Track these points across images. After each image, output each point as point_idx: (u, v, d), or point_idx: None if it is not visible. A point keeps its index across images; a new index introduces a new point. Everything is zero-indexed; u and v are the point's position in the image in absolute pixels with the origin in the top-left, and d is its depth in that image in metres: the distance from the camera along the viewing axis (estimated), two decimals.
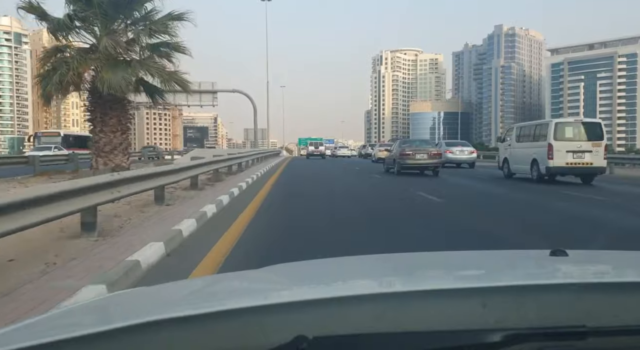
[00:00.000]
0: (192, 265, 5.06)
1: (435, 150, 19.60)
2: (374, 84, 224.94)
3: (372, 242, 6.43)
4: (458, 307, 0.85)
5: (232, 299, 1.04)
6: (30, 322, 0.99)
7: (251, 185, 15.29)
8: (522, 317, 0.83)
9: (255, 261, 4.39)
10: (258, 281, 1.28)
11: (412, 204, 11.25)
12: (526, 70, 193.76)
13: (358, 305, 0.84)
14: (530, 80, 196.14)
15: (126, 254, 5.11)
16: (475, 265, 1.36)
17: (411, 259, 1.56)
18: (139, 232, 6.59)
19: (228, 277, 1.42)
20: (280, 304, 0.88)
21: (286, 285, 1.19)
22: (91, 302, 1.31)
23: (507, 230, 7.79)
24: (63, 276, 4.48)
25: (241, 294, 1.18)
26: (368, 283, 1.22)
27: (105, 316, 1.07)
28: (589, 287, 0.93)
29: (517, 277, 1.19)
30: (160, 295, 1.20)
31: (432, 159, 18.86)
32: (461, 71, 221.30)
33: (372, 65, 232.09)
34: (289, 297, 0.98)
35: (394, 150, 20.56)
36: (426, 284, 1.09)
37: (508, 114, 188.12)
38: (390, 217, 9.06)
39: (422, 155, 18.73)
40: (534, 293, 0.89)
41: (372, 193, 14.34)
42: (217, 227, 7.41)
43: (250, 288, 1.23)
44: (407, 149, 19.20)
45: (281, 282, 1.23)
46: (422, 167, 19.04)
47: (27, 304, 3.69)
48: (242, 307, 0.84)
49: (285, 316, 0.82)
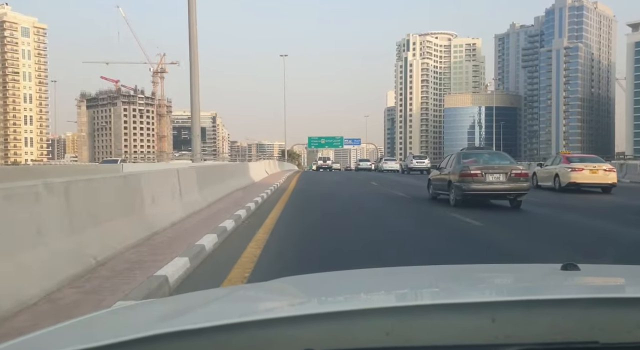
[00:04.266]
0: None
1: (519, 169, 12.07)
2: (399, 74, 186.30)
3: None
4: (467, 322, 0.84)
5: (241, 312, 1.04)
6: (44, 332, 0.99)
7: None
8: (532, 332, 0.82)
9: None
10: (268, 294, 1.28)
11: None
12: (594, 54, 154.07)
13: (367, 319, 0.84)
14: (599, 65, 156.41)
15: None
16: (485, 279, 1.35)
17: (421, 272, 1.56)
18: None
19: (239, 289, 1.42)
20: (289, 317, 0.87)
21: (295, 299, 1.19)
22: (102, 313, 1.29)
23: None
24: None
25: (250, 306, 1.18)
26: (377, 297, 1.21)
27: (117, 328, 1.06)
28: (601, 302, 0.90)
29: (528, 292, 1.16)
30: (170, 308, 1.20)
31: (514, 182, 11.57)
32: (506, 57, 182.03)
33: (397, 52, 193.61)
34: (298, 311, 0.97)
35: (449, 167, 12.76)
36: (435, 298, 1.10)
37: (573, 109, 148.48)
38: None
39: (497, 177, 11.59)
40: (545, 308, 0.87)
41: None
42: None
43: (260, 301, 1.23)
44: (472, 167, 11.76)
45: (291, 294, 1.23)
46: (498, 194, 11.89)
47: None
48: (251, 320, 0.84)
49: (294, 329, 0.82)
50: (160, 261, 4.96)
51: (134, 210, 6.28)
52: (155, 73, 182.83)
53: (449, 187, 12.20)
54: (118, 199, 5.86)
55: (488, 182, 11.45)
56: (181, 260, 4.98)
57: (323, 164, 59.31)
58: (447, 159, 13.48)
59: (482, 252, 6.66)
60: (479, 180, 11.44)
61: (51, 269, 3.99)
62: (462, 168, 11.73)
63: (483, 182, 11.44)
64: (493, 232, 8.52)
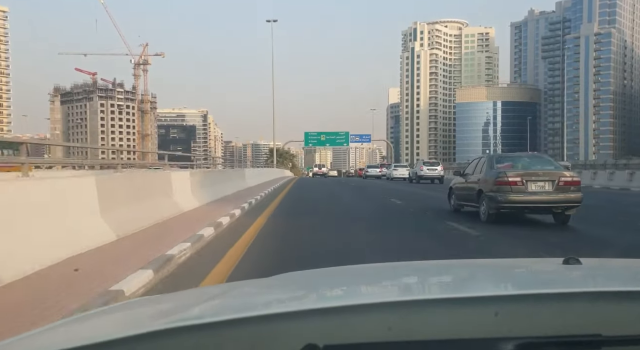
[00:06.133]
0: None
1: (569, 176, 9.77)
2: (405, 66, 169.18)
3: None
4: (470, 316, 0.85)
5: (241, 307, 1.05)
6: (42, 330, 1.00)
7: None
8: (535, 325, 0.82)
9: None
10: (268, 289, 1.28)
11: None
12: (627, 41, 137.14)
13: (369, 313, 0.84)
14: (632, 55, 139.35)
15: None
16: (487, 273, 1.35)
17: (422, 267, 1.55)
18: None
19: (238, 286, 1.41)
20: (290, 312, 0.88)
21: (297, 294, 1.19)
22: (102, 310, 1.29)
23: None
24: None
25: (251, 302, 1.18)
26: (379, 291, 1.21)
27: (117, 324, 1.07)
28: (603, 296, 0.92)
29: (530, 286, 1.17)
30: (170, 304, 1.20)
31: (563, 193, 9.45)
32: (524, 48, 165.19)
33: (403, 42, 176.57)
34: (299, 306, 0.97)
35: (477, 173, 10.83)
36: (437, 293, 1.11)
37: (605, 103, 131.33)
38: None
39: (541, 185, 9.48)
40: (547, 301, 0.88)
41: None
42: None
43: (260, 296, 1.23)
44: (510, 173, 9.69)
45: (292, 290, 1.23)
46: (543, 207, 9.69)
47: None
48: (252, 315, 0.85)
49: (295, 325, 0.82)
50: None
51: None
52: (136, 65, 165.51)
53: (478, 197, 10.27)
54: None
55: (531, 193, 9.41)
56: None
57: (318, 170, 63.76)
58: (473, 164, 11.55)
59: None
60: (519, 190, 9.43)
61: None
62: (497, 175, 9.74)
63: (524, 192, 9.43)
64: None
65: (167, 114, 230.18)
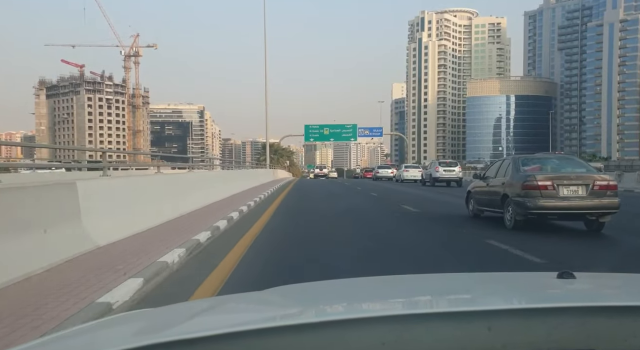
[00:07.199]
0: None
1: (605, 180, 9.08)
2: (412, 58, 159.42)
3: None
4: (463, 330, 0.84)
5: (235, 322, 1.04)
6: (37, 343, 0.99)
7: None
8: (529, 340, 0.81)
9: None
10: (262, 303, 1.27)
11: None
12: None
13: (363, 328, 0.84)
14: None
15: None
16: (481, 287, 1.34)
17: (417, 281, 1.55)
18: None
19: (232, 299, 1.41)
20: (283, 326, 0.87)
21: (290, 308, 1.18)
22: (96, 323, 1.28)
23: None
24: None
25: (245, 316, 1.17)
26: (373, 305, 1.20)
27: (108, 338, 1.06)
28: (597, 311, 0.91)
29: (524, 300, 1.17)
30: (162, 318, 1.19)
31: (598, 198, 8.76)
32: (538, 38, 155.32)
33: (410, 33, 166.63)
34: (292, 320, 0.97)
35: (501, 176, 10.17)
36: (431, 307, 1.10)
37: (631, 96, 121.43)
38: None
39: (574, 190, 8.85)
40: (542, 316, 0.87)
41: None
42: None
43: (254, 310, 1.22)
44: (540, 177, 9.05)
45: (285, 304, 1.22)
46: (577, 214, 9.03)
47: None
48: (246, 329, 0.84)
49: (289, 339, 0.82)
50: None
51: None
52: (127, 57, 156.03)
53: (502, 203, 9.74)
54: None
55: (562, 198, 8.84)
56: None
57: (320, 172, 65.36)
58: (495, 166, 11.04)
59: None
60: (550, 195, 8.85)
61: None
62: (525, 178, 9.15)
63: (555, 198, 8.85)
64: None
65: (162, 110, 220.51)
